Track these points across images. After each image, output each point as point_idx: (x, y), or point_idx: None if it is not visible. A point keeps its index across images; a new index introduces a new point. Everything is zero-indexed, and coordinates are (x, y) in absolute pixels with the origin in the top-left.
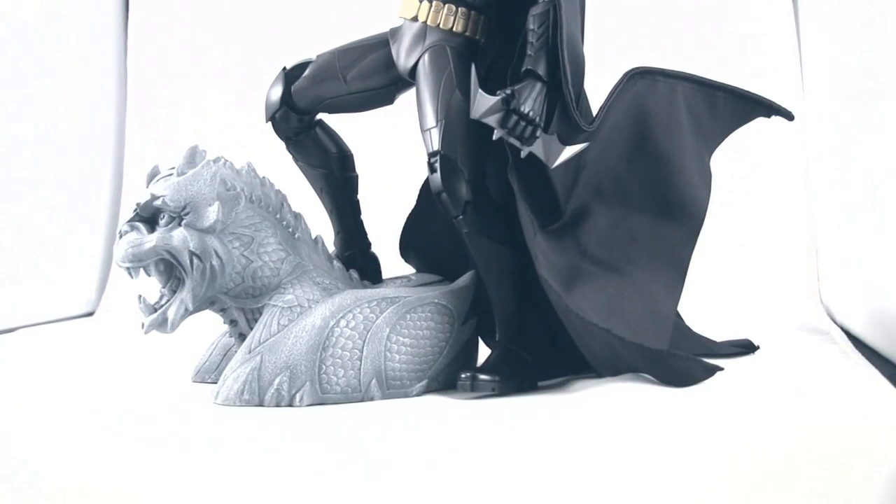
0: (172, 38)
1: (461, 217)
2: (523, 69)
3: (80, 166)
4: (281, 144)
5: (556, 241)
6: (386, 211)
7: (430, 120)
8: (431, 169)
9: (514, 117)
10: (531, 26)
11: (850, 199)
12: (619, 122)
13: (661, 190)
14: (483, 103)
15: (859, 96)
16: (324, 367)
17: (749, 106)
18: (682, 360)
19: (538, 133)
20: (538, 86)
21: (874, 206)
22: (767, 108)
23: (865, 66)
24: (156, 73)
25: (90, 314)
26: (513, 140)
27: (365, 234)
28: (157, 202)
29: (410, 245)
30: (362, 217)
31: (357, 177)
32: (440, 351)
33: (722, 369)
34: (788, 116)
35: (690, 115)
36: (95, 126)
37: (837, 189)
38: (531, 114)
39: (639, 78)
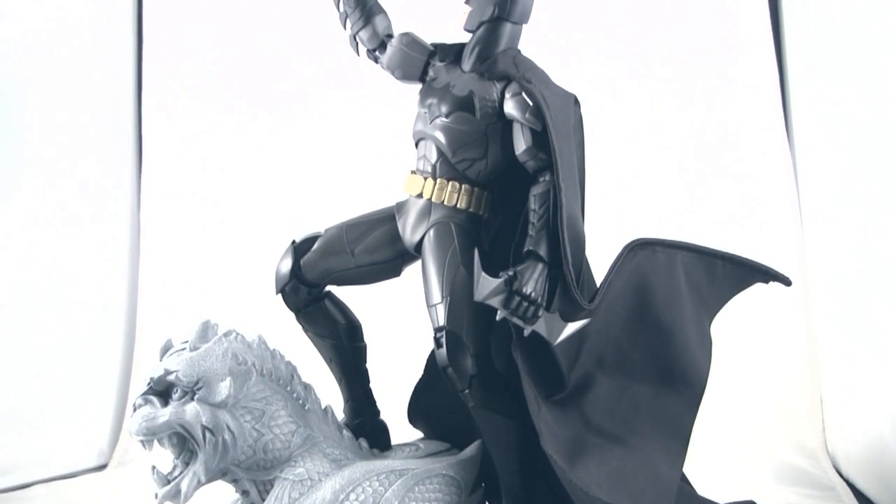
0: (184, 209)
1: (467, 391)
2: (525, 250)
3: (94, 319)
4: (291, 315)
5: (561, 412)
6: (395, 376)
7: (436, 296)
8: (437, 344)
9: (517, 298)
10: (532, 206)
11: (855, 348)
12: (620, 293)
13: (663, 359)
14: (486, 286)
15: (861, 244)
16: None
17: (747, 272)
18: None
19: (540, 312)
20: (539, 266)
21: (880, 354)
22: (765, 275)
23: (868, 217)
24: (167, 245)
25: (103, 467)
26: (516, 320)
27: (374, 401)
28: (171, 377)
29: (418, 412)
30: (371, 385)
31: (365, 346)
32: None
33: None
34: (786, 282)
35: (690, 283)
36: (108, 289)
37: (842, 339)
38: (533, 294)
39: (639, 249)
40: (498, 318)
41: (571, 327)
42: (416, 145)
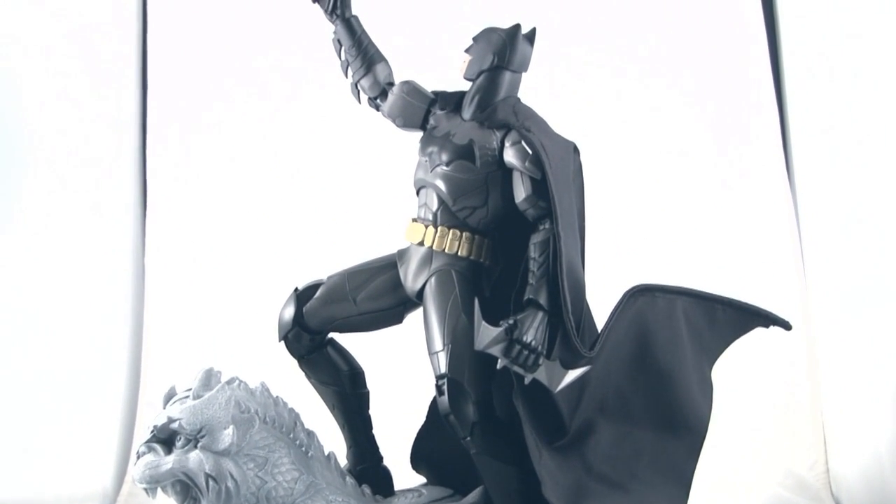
0: (188, 256)
1: (469, 438)
2: (525, 298)
3: (97, 364)
4: (293, 362)
5: (562, 458)
6: (397, 423)
7: (438, 343)
8: (439, 391)
9: (517, 347)
10: (532, 254)
11: (859, 389)
12: (620, 340)
13: (664, 404)
14: (486, 334)
15: (864, 299)
16: None
17: (748, 317)
18: None
19: (541, 361)
20: (539, 315)
21: (885, 395)
22: (766, 319)
23: (871, 259)
24: (171, 291)
25: None
26: (516, 368)
27: (377, 448)
28: (174, 425)
29: (421, 458)
30: (374, 431)
31: (368, 393)
32: None
33: None
34: (786, 326)
35: (690, 328)
36: (112, 333)
37: (846, 379)
38: (533, 343)
39: (639, 295)
40: (499, 366)
41: (572, 375)
42: (417, 193)
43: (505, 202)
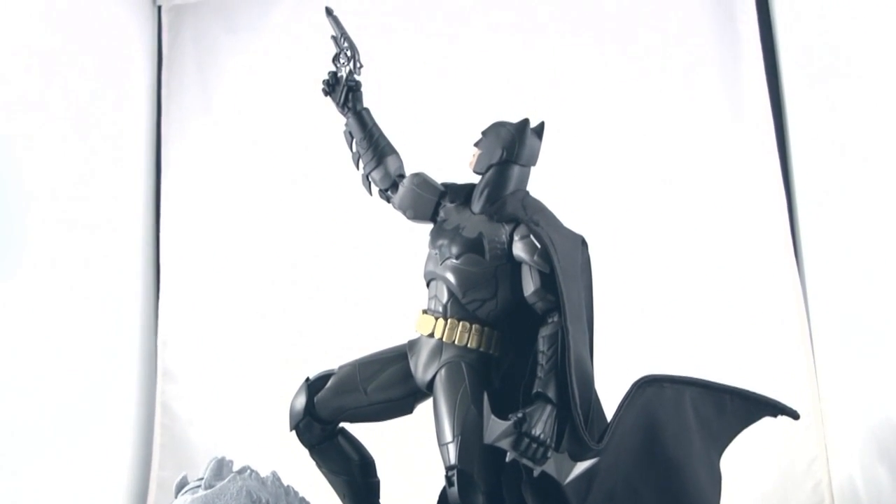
0: (201, 347)
1: None
2: (534, 391)
3: (107, 457)
4: (305, 451)
5: None
6: None
7: (448, 435)
8: (449, 482)
9: (526, 440)
10: (541, 347)
11: (870, 471)
12: (629, 430)
13: (672, 495)
14: (496, 428)
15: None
16: None
17: (756, 407)
18: None
19: (549, 453)
20: (548, 408)
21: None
22: (774, 409)
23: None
24: (185, 380)
25: None
26: (525, 461)
27: None
28: None
29: None
30: None
31: (378, 482)
32: None
33: None
34: (794, 416)
35: (698, 418)
36: (123, 422)
37: (855, 459)
38: (542, 436)
39: (647, 386)
40: (508, 459)
41: (581, 467)
42: (428, 285)
43: (514, 295)
